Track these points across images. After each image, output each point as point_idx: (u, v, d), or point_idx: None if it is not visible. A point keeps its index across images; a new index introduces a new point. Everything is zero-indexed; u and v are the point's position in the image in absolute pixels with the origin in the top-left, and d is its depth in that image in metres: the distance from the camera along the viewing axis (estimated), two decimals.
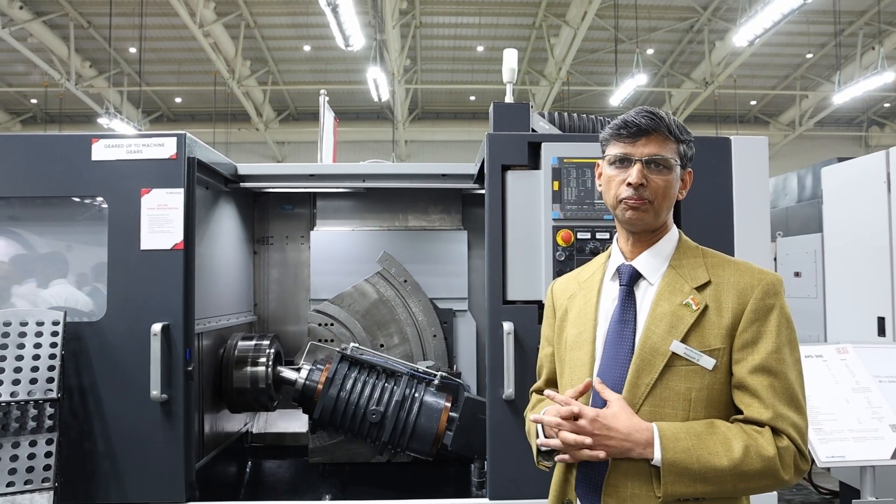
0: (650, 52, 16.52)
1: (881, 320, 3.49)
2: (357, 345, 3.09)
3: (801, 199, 5.85)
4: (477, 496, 2.80)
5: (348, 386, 2.88)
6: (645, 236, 1.43)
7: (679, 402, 1.30)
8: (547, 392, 1.38)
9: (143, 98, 17.49)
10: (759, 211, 2.50)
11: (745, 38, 11.03)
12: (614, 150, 1.41)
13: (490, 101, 2.77)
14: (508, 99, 2.71)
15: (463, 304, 3.47)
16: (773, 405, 1.26)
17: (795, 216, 5.73)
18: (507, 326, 2.34)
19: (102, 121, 14.76)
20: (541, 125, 2.66)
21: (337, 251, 3.50)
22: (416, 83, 17.86)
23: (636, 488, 1.28)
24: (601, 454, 1.24)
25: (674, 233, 1.46)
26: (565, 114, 2.73)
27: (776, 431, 1.26)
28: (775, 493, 2.48)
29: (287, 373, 3.06)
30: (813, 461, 4.60)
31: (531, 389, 1.67)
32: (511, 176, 2.46)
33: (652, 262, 1.42)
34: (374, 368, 3.00)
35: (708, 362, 1.31)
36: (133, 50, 15.70)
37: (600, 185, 1.48)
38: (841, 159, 4.34)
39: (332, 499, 3.18)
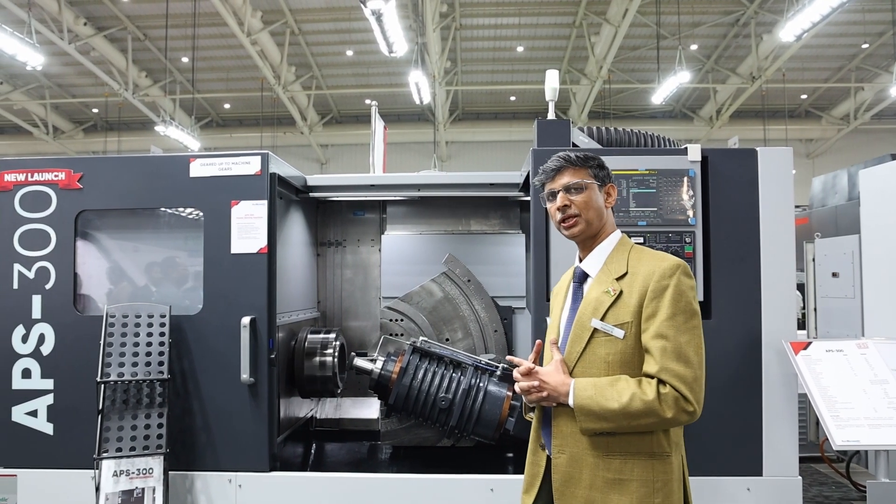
0: (694, 47, 16.28)
1: None
2: (425, 338, 3.40)
3: (851, 197, 5.68)
4: None
5: (420, 375, 3.19)
6: (588, 242, 1.86)
7: (601, 364, 1.72)
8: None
9: (195, 105, 18.26)
10: (784, 217, 2.72)
11: (792, 32, 10.49)
12: (546, 190, 1.89)
13: (530, 100, 3.03)
14: (550, 116, 2.99)
15: (521, 302, 3.74)
16: (661, 362, 1.64)
17: (845, 214, 5.57)
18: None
19: (159, 128, 15.50)
20: (581, 139, 2.93)
21: (405, 253, 3.81)
22: (457, 84, 18.10)
23: (570, 427, 1.73)
24: (543, 394, 1.72)
25: (614, 236, 1.86)
26: (603, 128, 2.99)
27: (662, 382, 1.63)
28: (799, 480, 2.68)
29: (363, 363, 3.36)
30: (838, 458, 4.68)
31: None
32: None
33: (593, 263, 1.85)
34: (441, 360, 3.30)
35: (619, 333, 1.71)
36: (185, 59, 16.42)
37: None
38: (894, 156, 4.36)
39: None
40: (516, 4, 14.72)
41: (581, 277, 1.85)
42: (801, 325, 5.55)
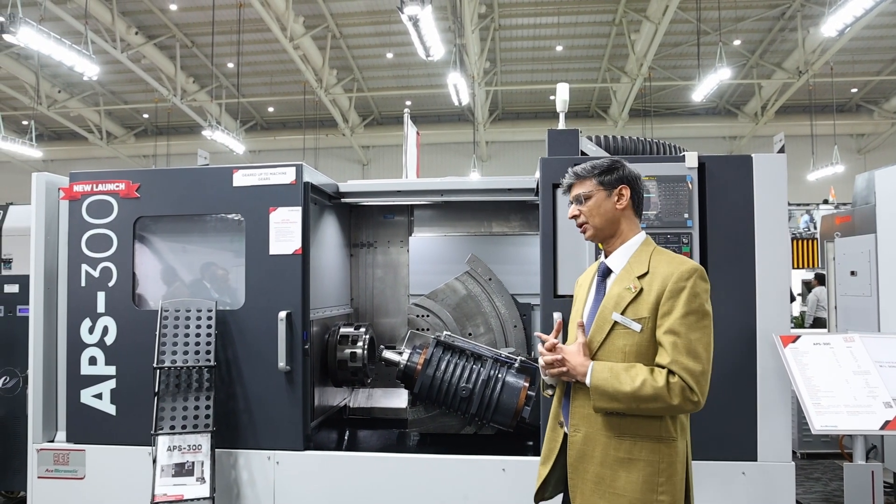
0: (737, 42, 15.98)
1: None
2: (449, 333, 3.66)
3: None
4: None
5: (443, 367, 3.45)
6: (608, 243, 2.07)
7: (619, 353, 1.92)
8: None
9: (240, 109, 18.94)
10: (778, 220, 2.88)
11: (834, 27, 9.98)
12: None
13: (570, 99, 3.21)
14: (561, 126, 3.21)
15: (539, 299, 3.97)
16: (672, 355, 1.83)
17: None
18: (557, 316, 2.85)
19: (206, 132, 16.12)
20: (589, 147, 3.14)
21: (432, 253, 4.08)
22: (496, 85, 18.24)
23: (586, 408, 1.94)
24: (564, 369, 1.93)
25: (637, 238, 2.05)
26: (610, 136, 3.20)
27: (671, 372, 1.82)
28: (792, 466, 2.84)
29: (391, 356, 3.65)
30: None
31: None
32: (560, 192, 2.97)
33: (617, 261, 2.04)
34: (463, 353, 3.55)
35: (636, 327, 1.90)
36: (231, 65, 17.07)
37: None
38: None
39: None
40: (555, 3, 14.75)
41: (605, 272, 2.04)
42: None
